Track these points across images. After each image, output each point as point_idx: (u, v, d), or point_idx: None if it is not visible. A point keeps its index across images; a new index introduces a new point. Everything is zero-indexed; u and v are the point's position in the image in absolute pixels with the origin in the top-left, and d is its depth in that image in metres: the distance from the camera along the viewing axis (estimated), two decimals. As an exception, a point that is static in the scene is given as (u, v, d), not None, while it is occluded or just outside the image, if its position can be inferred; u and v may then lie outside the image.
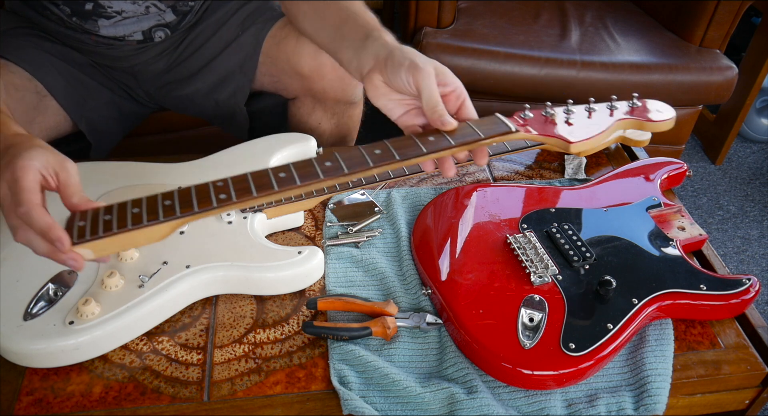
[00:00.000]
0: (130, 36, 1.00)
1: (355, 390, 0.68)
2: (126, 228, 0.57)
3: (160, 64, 1.06)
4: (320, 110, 1.08)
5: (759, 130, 2.03)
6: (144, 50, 1.03)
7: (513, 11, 1.66)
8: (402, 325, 0.74)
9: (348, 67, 0.76)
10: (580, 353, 0.68)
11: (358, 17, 0.77)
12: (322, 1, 0.82)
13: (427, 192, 0.94)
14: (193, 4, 1.02)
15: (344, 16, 0.78)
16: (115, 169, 0.87)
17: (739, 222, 1.76)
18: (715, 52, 1.57)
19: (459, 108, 0.68)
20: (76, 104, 1.01)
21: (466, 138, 0.65)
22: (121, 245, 0.60)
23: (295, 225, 0.88)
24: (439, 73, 0.67)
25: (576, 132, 0.69)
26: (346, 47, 0.75)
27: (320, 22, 0.82)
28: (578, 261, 0.78)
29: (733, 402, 0.76)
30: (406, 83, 0.66)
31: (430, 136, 0.65)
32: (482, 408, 0.66)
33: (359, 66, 0.72)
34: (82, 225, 0.57)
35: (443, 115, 0.65)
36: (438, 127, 0.65)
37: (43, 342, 0.66)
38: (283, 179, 0.61)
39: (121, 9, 0.96)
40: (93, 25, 0.97)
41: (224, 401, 0.67)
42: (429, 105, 0.65)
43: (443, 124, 0.65)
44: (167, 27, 1.02)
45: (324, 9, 0.82)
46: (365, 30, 0.74)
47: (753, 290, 0.76)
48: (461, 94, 0.68)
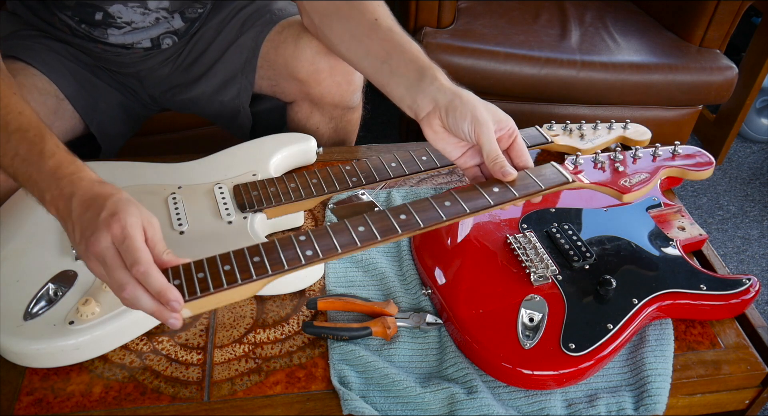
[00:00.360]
0: (138, 44, 1.00)
1: (355, 390, 0.68)
2: (222, 287, 0.60)
3: (165, 70, 1.06)
4: (318, 114, 1.08)
5: (759, 130, 2.03)
6: (150, 57, 1.03)
7: (513, 11, 1.66)
8: (402, 325, 0.74)
9: (400, 104, 0.77)
10: (580, 353, 0.68)
11: (405, 51, 0.77)
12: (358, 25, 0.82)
13: (427, 192, 0.94)
14: (202, 10, 1.02)
15: (389, 48, 0.78)
16: (116, 169, 0.87)
17: (739, 222, 1.76)
18: (715, 52, 1.57)
19: (511, 145, 0.73)
20: (88, 107, 1.01)
21: (528, 189, 0.70)
22: (217, 302, 0.62)
23: (295, 225, 0.88)
24: (496, 121, 0.71)
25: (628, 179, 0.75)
26: (396, 84, 0.76)
27: (362, 50, 0.82)
28: (578, 261, 0.78)
29: (733, 402, 0.76)
30: (467, 135, 0.70)
31: (494, 187, 0.70)
32: (482, 408, 0.66)
33: (415, 107, 0.74)
34: (177, 284, 0.59)
35: (504, 166, 0.70)
36: (499, 177, 0.71)
37: (43, 342, 0.66)
38: (362, 233, 0.65)
39: (131, 20, 0.95)
40: (102, 33, 0.97)
41: (224, 401, 0.67)
42: (490, 157, 0.70)
43: (504, 175, 0.70)
44: (175, 34, 1.02)
45: (364, 37, 0.81)
46: (416, 66, 0.75)
47: (753, 290, 0.76)
48: (513, 132, 0.73)
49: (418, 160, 0.90)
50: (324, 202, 0.91)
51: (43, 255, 0.74)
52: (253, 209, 0.82)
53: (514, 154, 0.74)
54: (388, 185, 0.95)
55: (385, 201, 0.92)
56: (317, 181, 0.86)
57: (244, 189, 0.84)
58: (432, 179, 0.97)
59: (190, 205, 0.82)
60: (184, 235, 0.78)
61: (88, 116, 1.01)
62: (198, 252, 0.75)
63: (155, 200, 0.83)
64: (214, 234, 0.78)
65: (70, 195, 0.62)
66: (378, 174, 0.88)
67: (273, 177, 0.87)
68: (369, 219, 0.66)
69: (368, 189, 0.93)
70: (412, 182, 0.96)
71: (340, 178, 0.87)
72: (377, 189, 0.94)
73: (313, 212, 0.91)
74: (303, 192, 0.85)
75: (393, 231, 0.65)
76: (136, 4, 0.93)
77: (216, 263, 0.62)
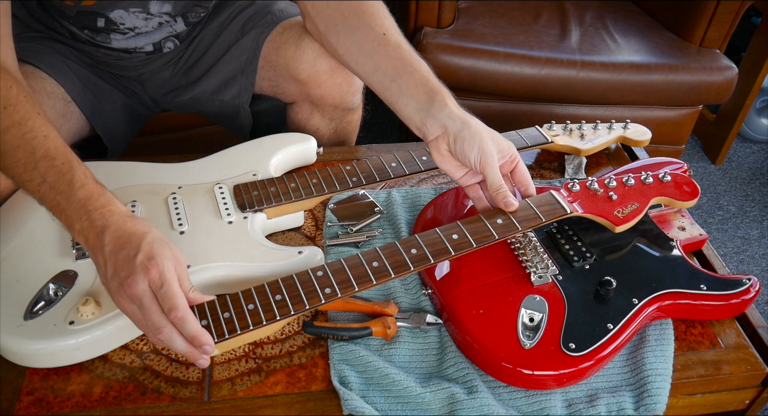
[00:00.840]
0: (140, 48, 1.00)
1: (356, 390, 0.68)
2: (248, 328, 0.64)
3: (167, 73, 1.07)
4: (318, 115, 1.08)
5: (759, 130, 2.03)
6: (152, 60, 1.03)
7: (513, 11, 1.66)
8: (402, 325, 0.74)
9: (408, 123, 0.80)
10: (581, 353, 0.68)
11: (415, 70, 0.79)
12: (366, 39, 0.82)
13: (427, 192, 0.94)
14: (204, 13, 1.02)
15: (399, 66, 0.79)
16: (117, 169, 0.87)
17: (739, 222, 1.76)
18: (715, 52, 1.57)
19: (514, 169, 0.78)
20: (94, 109, 1.01)
21: (530, 221, 0.75)
22: (242, 341, 0.67)
23: (295, 225, 0.88)
24: (500, 150, 0.75)
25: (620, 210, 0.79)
26: (405, 104, 0.79)
27: (370, 65, 0.83)
28: (578, 261, 0.78)
29: (733, 402, 0.76)
30: (473, 164, 0.74)
31: (498, 218, 0.75)
32: (482, 408, 0.66)
33: (423, 130, 0.78)
34: (205, 325, 0.64)
35: (506, 196, 0.74)
36: (501, 207, 0.75)
37: (43, 342, 0.66)
38: (377, 268, 0.70)
39: (134, 25, 0.95)
40: (105, 38, 0.97)
41: (224, 401, 0.67)
42: (493, 187, 0.74)
43: (506, 205, 0.74)
44: (177, 38, 1.02)
45: (373, 53, 0.82)
46: (426, 89, 0.78)
47: (753, 290, 0.76)
48: (515, 158, 0.77)
49: (418, 160, 0.90)
50: (324, 202, 0.91)
51: (44, 255, 0.74)
52: (253, 209, 0.82)
53: (517, 180, 0.78)
54: (388, 185, 0.95)
55: (385, 201, 0.92)
56: (317, 180, 0.86)
57: (244, 189, 0.84)
58: (432, 179, 0.97)
59: (190, 205, 0.82)
60: (184, 235, 0.78)
61: (94, 118, 1.01)
62: (198, 251, 0.76)
63: (155, 200, 0.83)
64: (215, 234, 0.78)
65: (102, 228, 0.64)
66: (378, 174, 0.88)
67: (273, 177, 0.87)
68: (384, 255, 0.71)
69: (368, 189, 0.93)
70: (412, 182, 0.96)
71: (340, 178, 0.87)
72: (377, 189, 0.94)
73: (313, 212, 0.91)
74: (303, 192, 0.85)
75: (405, 268, 0.70)
76: (138, 9, 0.93)
77: (239, 301, 0.66)
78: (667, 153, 1.62)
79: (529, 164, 1.01)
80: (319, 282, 0.68)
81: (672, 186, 0.82)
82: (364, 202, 0.92)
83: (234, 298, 0.66)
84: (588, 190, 0.80)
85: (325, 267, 0.69)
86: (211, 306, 0.65)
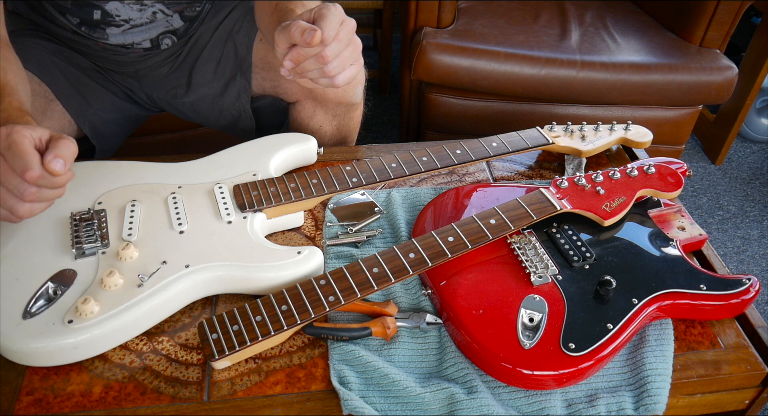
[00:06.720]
0: (138, 44, 1.00)
1: (355, 390, 0.68)
2: (257, 340, 0.67)
3: (164, 70, 1.07)
4: (321, 113, 1.08)
5: (759, 130, 2.03)
6: (149, 56, 1.03)
7: (513, 11, 1.66)
8: (402, 325, 0.74)
9: None
10: (580, 353, 0.68)
11: None
12: None
13: (427, 192, 0.94)
14: (200, 9, 1.02)
15: None
16: (115, 169, 0.87)
17: (739, 222, 1.76)
18: (715, 52, 1.57)
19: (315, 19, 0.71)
20: (80, 108, 1.01)
21: (522, 220, 0.78)
22: (252, 352, 0.70)
23: (295, 225, 0.88)
24: None
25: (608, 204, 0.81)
26: None
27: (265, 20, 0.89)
28: (578, 261, 0.78)
29: (733, 402, 0.76)
30: None
31: (491, 219, 0.78)
32: (482, 408, 0.66)
33: None
34: (215, 338, 0.67)
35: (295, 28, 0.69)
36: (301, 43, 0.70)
37: (42, 341, 0.66)
38: (377, 274, 0.72)
39: (129, 17, 0.96)
40: (102, 33, 0.97)
41: (224, 401, 0.67)
42: None
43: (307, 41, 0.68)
44: (174, 34, 1.02)
45: None
46: None
47: (753, 290, 0.76)
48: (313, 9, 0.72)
49: (418, 160, 0.90)
50: (324, 202, 0.91)
51: (43, 254, 0.74)
52: (253, 209, 0.82)
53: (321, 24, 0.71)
54: (388, 185, 0.95)
55: (385, 201, 0.92)
56: (317, 181, 0.86)
57: (244, 189, 0.84)
58: (432, 179, 0.97)
59: (190, 205, 0.82)
60: (183, 235, 0.78)
61: (80, 117, 1.01)
62: (198, 251, 0.76)
63: (155, 199, 0.83)
64: (214, 234, 0.78)
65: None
66: (378, 174, 0.88)
67: (273, 177, 0.87)
68: (383, 261, 0.73)
69: (368, 189, 0.93)
70: (412, 182, 0.96)
71: (340, 178, 0.87)
72: (377, 189, 0.94)
73: (313, 212, 0.91)
74: (303, 192, 0.85)
75: (404, 272, 0.72)
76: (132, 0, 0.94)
77: (247, 313, 0.69)
78: (667, 153, 1.62)
79: (529, 164, 1.01)
80: (323, 291, 0.70)
81: (656, 177, 0.85)
82: (364, 202, 0.92)
83: (241, 309, 0.69)
84: (576, 186, 0.82)
85: (327, 276, 0.72)
86: (219, 319, 0.68)
